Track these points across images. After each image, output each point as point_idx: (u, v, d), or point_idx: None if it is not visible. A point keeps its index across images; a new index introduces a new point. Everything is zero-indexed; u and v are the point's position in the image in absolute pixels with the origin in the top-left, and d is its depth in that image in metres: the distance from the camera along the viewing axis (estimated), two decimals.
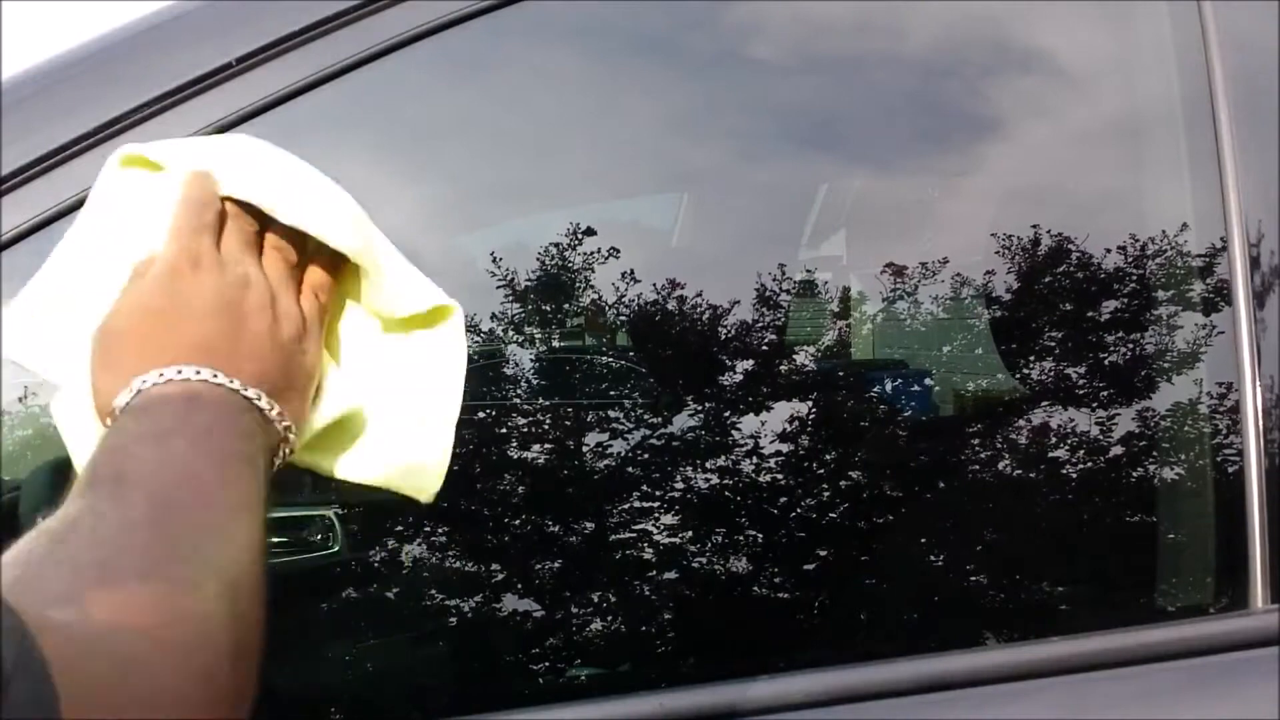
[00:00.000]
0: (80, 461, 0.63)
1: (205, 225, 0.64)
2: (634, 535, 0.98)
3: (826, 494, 1.02)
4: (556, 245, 1.02)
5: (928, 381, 1.07)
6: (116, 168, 0.69)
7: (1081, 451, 0.96)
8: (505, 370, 1.03)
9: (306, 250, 0.68)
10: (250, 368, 0.60)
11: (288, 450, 0.62)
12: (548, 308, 1.06)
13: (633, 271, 1.02)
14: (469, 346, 0.72)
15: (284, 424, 0.60)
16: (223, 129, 0.83)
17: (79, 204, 0.80)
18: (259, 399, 0.59)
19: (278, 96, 0.84)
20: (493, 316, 0.96)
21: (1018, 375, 1.02)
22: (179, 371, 0.57)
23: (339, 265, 0.69)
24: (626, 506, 0.99)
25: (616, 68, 1.05)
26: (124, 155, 0.69)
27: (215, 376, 0.58)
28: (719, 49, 1.06)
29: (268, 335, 0.62)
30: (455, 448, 0.71)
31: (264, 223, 0.67)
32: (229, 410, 0.58)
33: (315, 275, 0.68)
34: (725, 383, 1.05)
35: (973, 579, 1.00)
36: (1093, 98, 1.04)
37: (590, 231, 1.02)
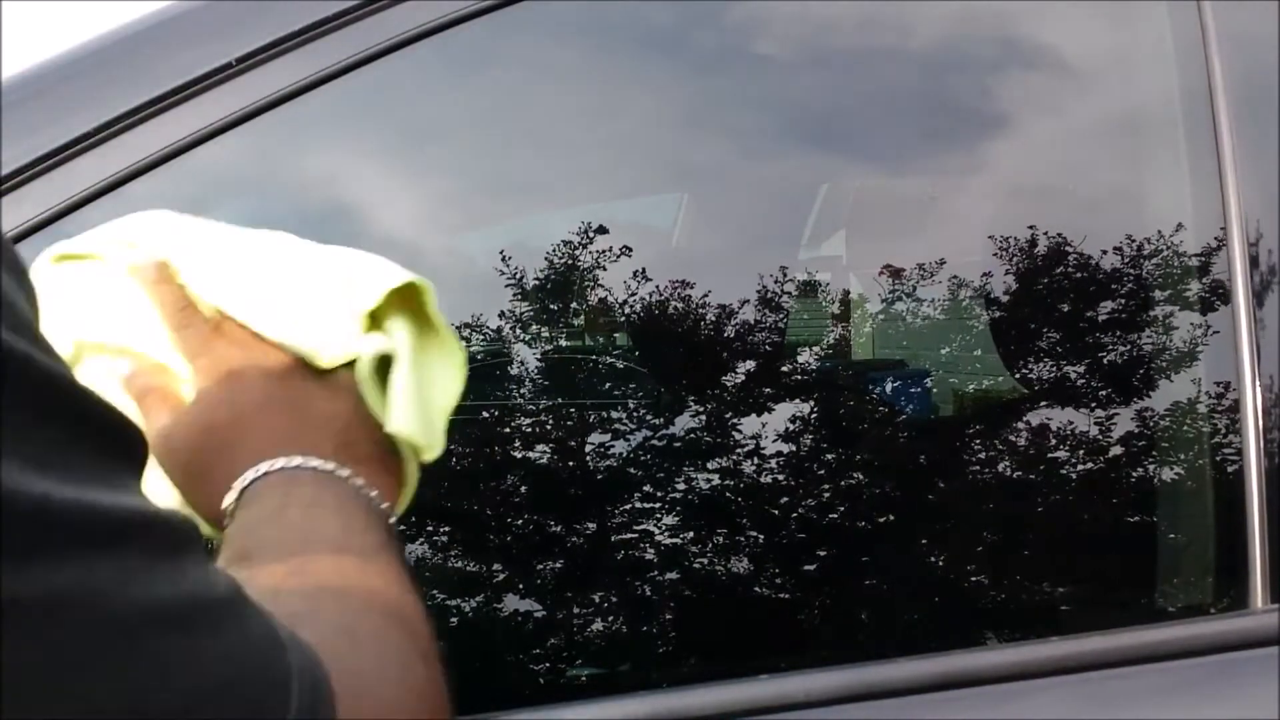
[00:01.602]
0: None
1: (208, 330, 0.64)
2: (635, 535, 0.98)
3: (827, 494, 1.02)
4: (558, 246, 1.02)
5: (927, 382, 1.07)
6: (49, 265, 0.67)
7: (1081, 452, 0.96)
8: (506, 370, 1.04)
9: None
10: (329, 444, 0.61)
11: (390, 506, 0.62)
12: (548, 308, 1.06)
13: (633, 272, 1.02)
14: (474, 346, 0.70)
15: (371, 491, 0.60)
16: (223, 129, 0.83)
17: (79, 204, 0.80)
18: (348, 475, 0.60)
19: (278, 96, 0.84)
20: (500, 315, 0.96)
21: (1017, 375, 1.02)
22: (272, 464, 0.59)
23: None
24: (626, 506, 0.99)
25: (616, 68, 1.05)
26: (54, 255, 0.67)
27: (306, 459, 0.59)
28: (718, 49, 1.06)
29: (329, 407, 0.62)
30: (456, 447, 0.71)
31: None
32: (325, 482, 0.59)
33: None
34: (725, 383, 1.05)
35: (973, 579, 1.00)
36: (1092, 97, 1.04)
37: (603, 229, 1.02)
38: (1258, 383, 0.84)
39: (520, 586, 0.99)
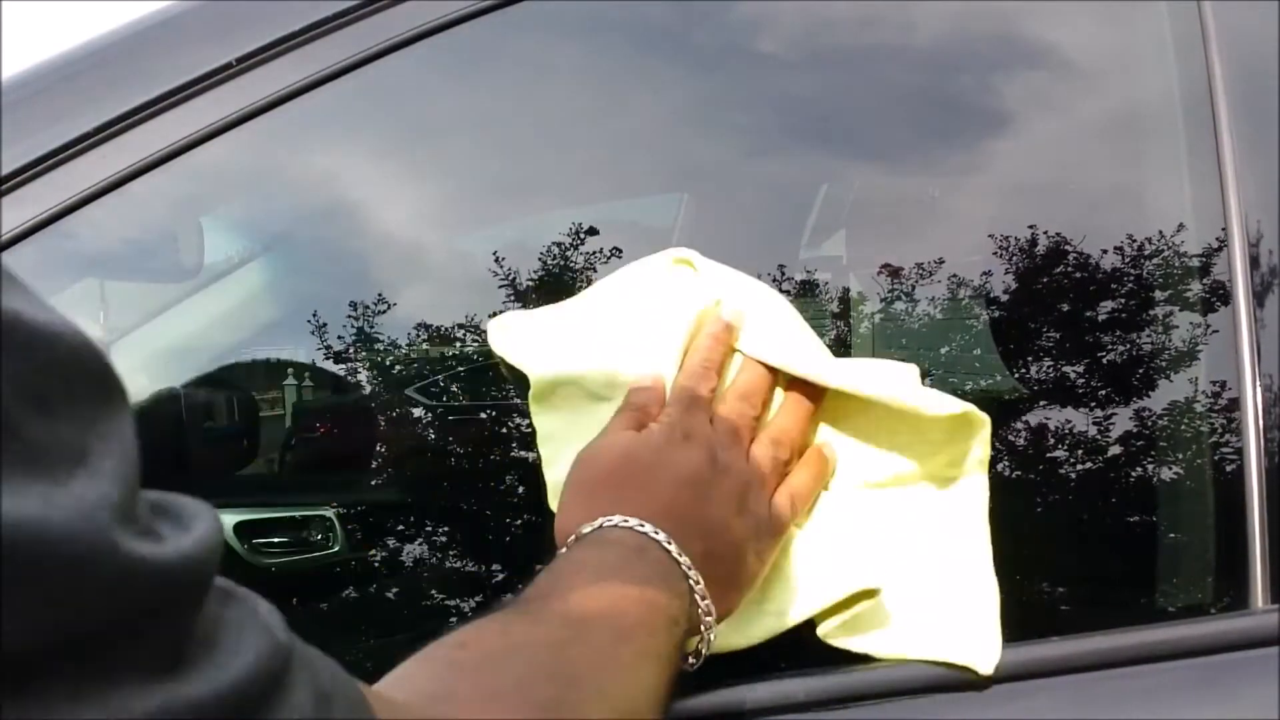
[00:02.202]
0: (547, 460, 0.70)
1: (703, 400, 0.68)
2: None
3: None
4: (558, 246, 1.02)
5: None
6: (668, 263, 0.76)
7: (1081, 451, 0.96)
8: (505, 370, 1.03)
9: (802, 448, 0.70)
10: (697, 547, 0.61)
11: (704, 643, 0.62)
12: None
13: None
14: (473, 346, 0.73)
15: (707, 615, 0.61)
16: (223, 129, 0.82)
17: (79, 204, 0.80)
18: (696, 583, 0.61)
19: (278, 96, 0.84)
20: (493, 316, 0.96)
21: (1017, 375, 1.02)
22: (641, 524, 0.60)
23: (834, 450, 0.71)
24: None
25: (616, 68, 1.05)
26: (676, 257, 0.76)
27: (669, 544, 0.60)
28: (718, 48, 1.06)
29: (724, 524, 0.64)
30: (458, 447, 0.72)
31: (768, 403, 0.70)
32: (669, 573, 0.60)
33: (800, 479, 0.69)
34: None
35: None
36: (1092, 97, 1.04)
37: (593, 231, 1.02)
38: (1258, 382, 0.84)
39: (520, 586, 0.99)
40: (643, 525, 0.60)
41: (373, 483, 1.04)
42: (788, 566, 0.67)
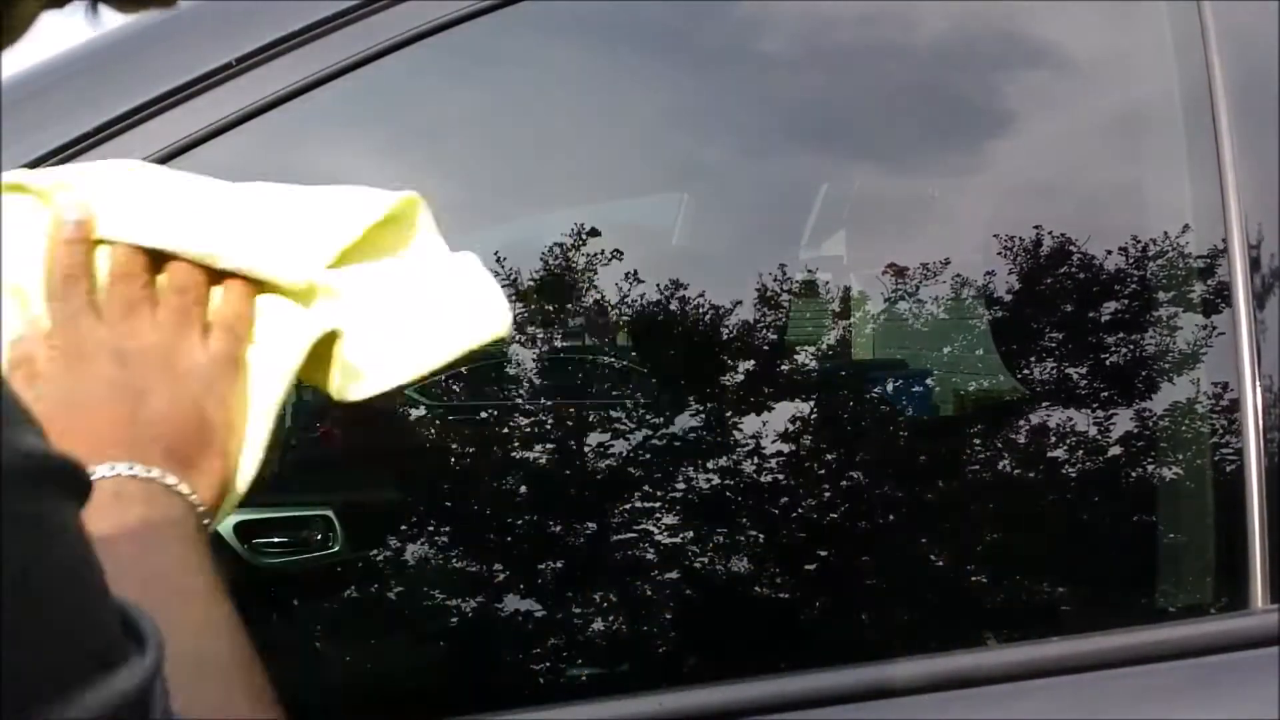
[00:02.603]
0: None
1: (78, 308, 0.61)
2: (634, 535, 0.98)
3: (827, 494, 1.02)
4: (558, 245, 1.02)
5: (928, 382, 1.07)
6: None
7: (1081, 452, 0.96)
8: (505, 370, 1.03)
9: (211, 276, 0.62)
10: (158, 447, 0.58)
11: (209, 517, 0.59)
12: (548, 308, 1.06)
13: (633, 272, 1.02)
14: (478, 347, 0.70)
15: (195, 499, 0.58)
16: (223, 129, 0.82)
17: None
18: (176, 484, 0.57)
19: (278, 96, 0.84)
20: None
21: (1018, 376, 1.02)
22: (94, 470, 0.55)
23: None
24: (626, 506, 0.99)
25: (616, 68, 1.05)
26: (7, 183, 0.63)
27: (131, 469, 0.56)
28: (719, 49, 1.06)
29: (168, 406, 0.59)
30: (455, 447, 0.71)
31: (156, 260, 0.62)
32: (152, 496, 0.56)
33: (225, 309, 0.63)
34: (725, 383, 1.05)
35: (973, 579, 1.00)
36: (1092, 97, 1.04)
37: (595, 232, 1.02)
38: (1258, 383, 0.84)
39: (520, 586, 0.99)
40: (94, 472, 0.54)
41: (372, 482, 1.04)
42: (253, 376, 0.62)
